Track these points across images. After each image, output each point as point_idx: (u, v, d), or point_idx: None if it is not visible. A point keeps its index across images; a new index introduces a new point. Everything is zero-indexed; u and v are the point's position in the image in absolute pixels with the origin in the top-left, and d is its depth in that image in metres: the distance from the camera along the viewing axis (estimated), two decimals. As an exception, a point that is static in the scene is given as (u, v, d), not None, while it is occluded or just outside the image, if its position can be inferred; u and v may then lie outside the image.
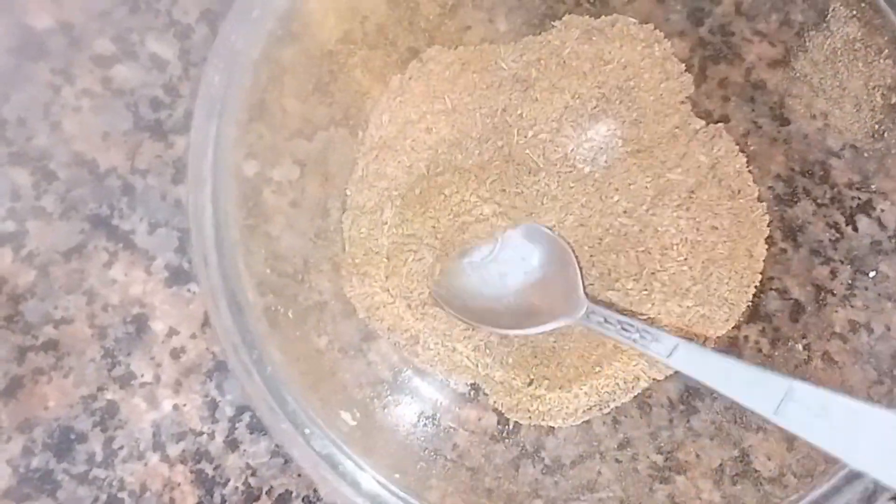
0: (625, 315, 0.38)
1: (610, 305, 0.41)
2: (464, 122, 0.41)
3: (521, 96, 0.41)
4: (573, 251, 0.41)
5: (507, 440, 0.40)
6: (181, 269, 0.41)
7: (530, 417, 0.40)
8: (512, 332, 0.40)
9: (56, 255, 0.41)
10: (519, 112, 0.41)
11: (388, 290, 0.39)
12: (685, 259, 0.40)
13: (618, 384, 0.40)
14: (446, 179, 0.41)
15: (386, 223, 0.40)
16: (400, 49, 0.41)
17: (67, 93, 0.42)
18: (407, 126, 0.41)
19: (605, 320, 0.38)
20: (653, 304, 0.40)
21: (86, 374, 0.40)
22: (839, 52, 0.40)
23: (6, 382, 0.39)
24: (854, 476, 0.33)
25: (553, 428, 0.41)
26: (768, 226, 0.41)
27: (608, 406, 0.40)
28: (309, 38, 0.36)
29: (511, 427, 0.41)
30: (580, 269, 0.40)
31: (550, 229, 0.41)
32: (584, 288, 0.40)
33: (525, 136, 0.41)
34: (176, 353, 0.40)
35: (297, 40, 0.35)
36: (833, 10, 0.39)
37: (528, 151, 0.41)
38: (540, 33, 0.42)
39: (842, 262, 0.41)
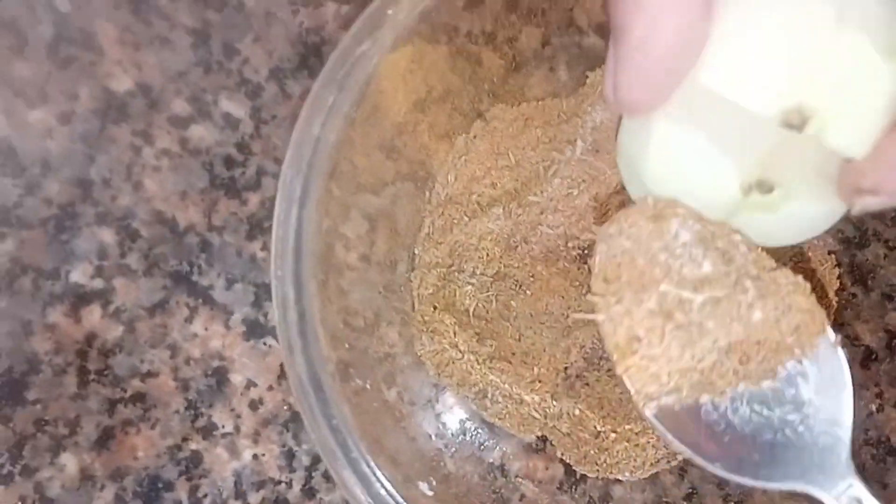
0: None
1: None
2: (527, 175, 0.42)
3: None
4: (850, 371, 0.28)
5: (573, 490, 0.41)
6: (257, 323, 0.43)
7: (597, 471, 0.40)
8: (732, 477, 0.29)
9: (141, 311, 0.43)
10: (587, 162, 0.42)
11: (458, 346, 0.40)
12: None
13: (686, 436, 0.40)
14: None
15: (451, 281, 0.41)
16: (465, 111, 0.42)
17: (147, 153, 0.44)
18: (472, 182, 0.42)
19: None
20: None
21: (171, 426, 0.42)
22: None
23: (98, 433, 0.42)
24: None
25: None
26: (838, 278, 0.41)
27: (676, 458, 0.40)
28: (383, 110, 0.37)
29: (578, 476, 0.41)
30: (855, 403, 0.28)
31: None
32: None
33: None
34: (254, 405, 0.42)
35: (372, 112, 0.36)
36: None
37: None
38: (599, 79, 0.42)
39: (916, 308, 0.41)
